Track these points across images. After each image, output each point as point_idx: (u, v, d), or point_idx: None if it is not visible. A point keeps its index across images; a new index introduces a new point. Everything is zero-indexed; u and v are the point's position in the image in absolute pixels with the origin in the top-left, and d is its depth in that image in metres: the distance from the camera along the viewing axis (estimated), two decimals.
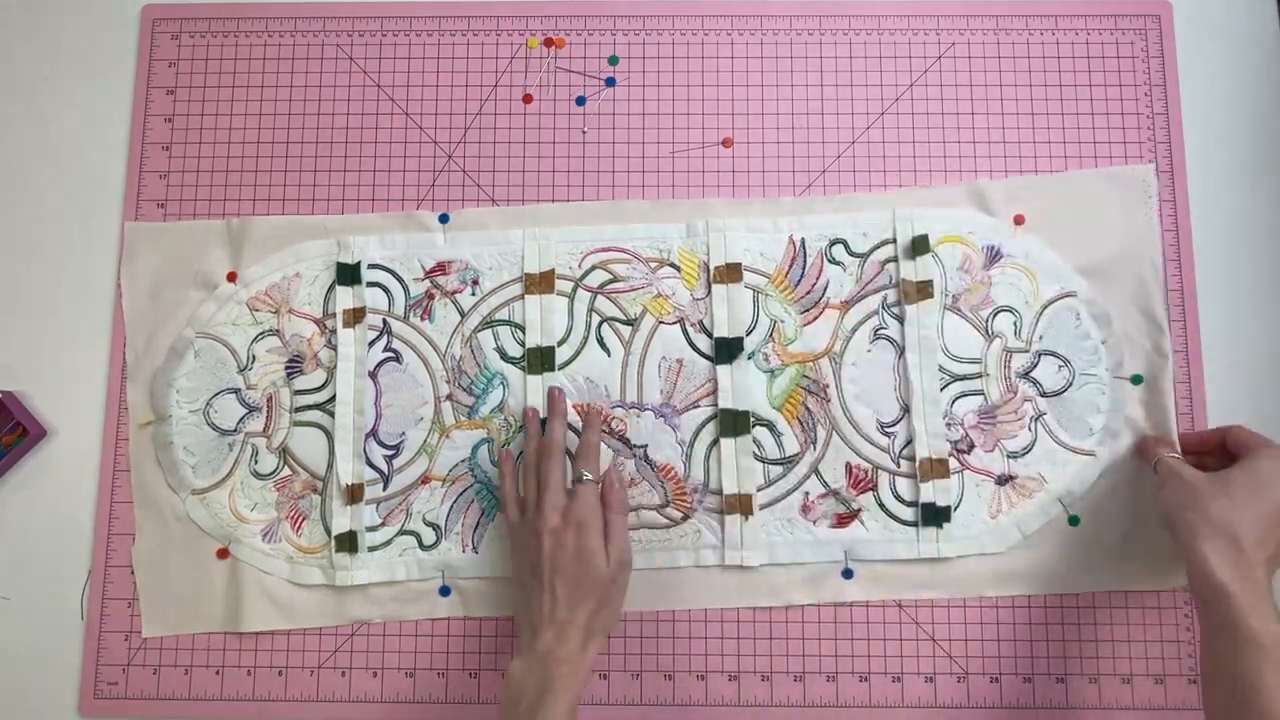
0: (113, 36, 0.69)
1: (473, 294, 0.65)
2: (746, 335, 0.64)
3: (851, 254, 0.65)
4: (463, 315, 0.65)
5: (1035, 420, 0.63)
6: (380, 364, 0.64)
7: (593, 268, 0.65)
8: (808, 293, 0.65)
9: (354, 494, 0.63)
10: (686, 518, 0.63)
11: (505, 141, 0.67)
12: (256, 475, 0.64)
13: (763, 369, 0.64)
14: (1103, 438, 0.63)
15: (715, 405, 0.63)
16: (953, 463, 0.63)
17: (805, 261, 0.65)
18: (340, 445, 0.63)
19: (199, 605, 0.63)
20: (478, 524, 0.63)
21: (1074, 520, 0.62)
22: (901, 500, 0.63)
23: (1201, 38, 0.67)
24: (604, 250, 0.65)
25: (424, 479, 0.63)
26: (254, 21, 0.68)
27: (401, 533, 0.63)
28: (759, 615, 0.62)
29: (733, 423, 0.63)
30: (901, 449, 0.63)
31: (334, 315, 0.64)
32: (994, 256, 0.64)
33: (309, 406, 0.64)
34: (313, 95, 0.68)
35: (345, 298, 0.64)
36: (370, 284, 0.65)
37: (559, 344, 0.64)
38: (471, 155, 0.67)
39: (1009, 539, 0.62)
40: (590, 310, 0.64)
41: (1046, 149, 0.66)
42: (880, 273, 0.64)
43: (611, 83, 0.67)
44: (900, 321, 0.64)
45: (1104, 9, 0.67)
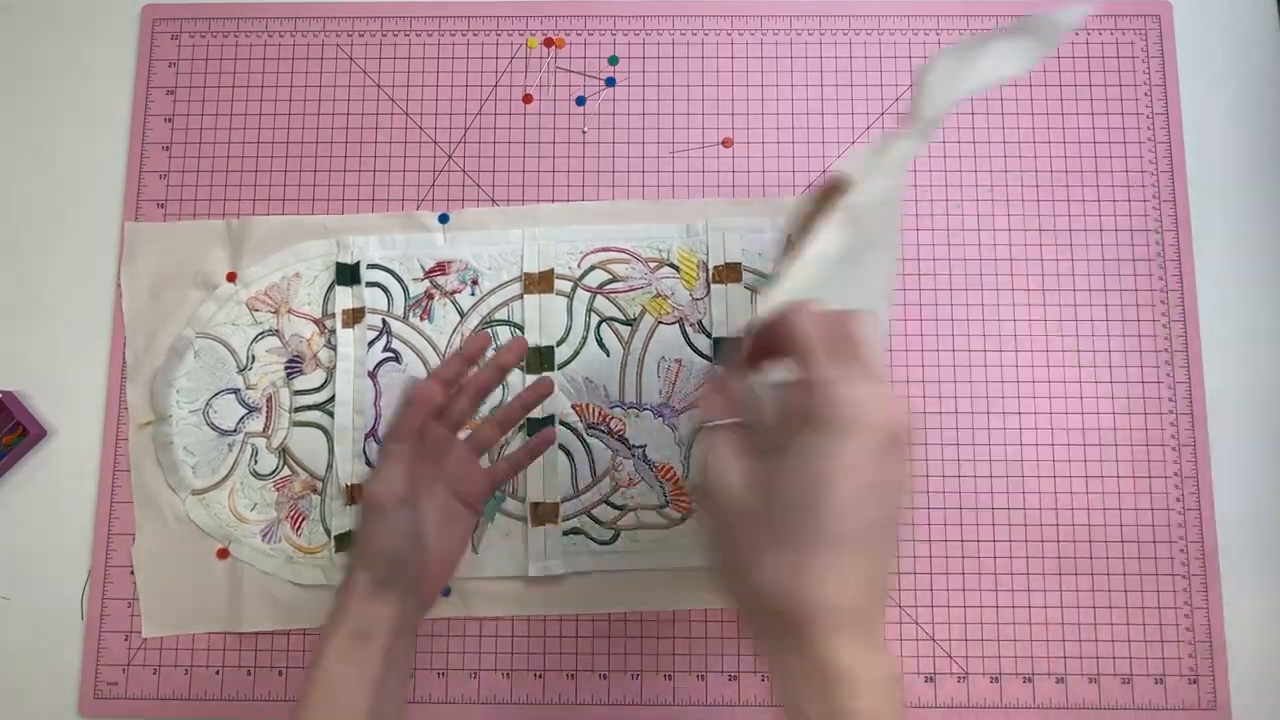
0: (113, 36, 0.69)
1: (472, 294, 0.65)
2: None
3: None
4: (462, 315, 0.65)
5: None
6: (380, 364, 0.64)
7: (592, 268, 0.65)
8: None
9: (354, 494, 0.63)
10: (685, 518, 0.63)
11: (505, 141, 0.67)
12: (256, 475, 0.64)
13: None
14: None
15: None
16: None
17: None
18: (340, 445, 0.63)
19: (199, 605, 0.63)
20: (477, 524, 0.63)
21: None
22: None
23: (1201, 38, 0.67)
24: (603, 250, 0.65)
25: None
26: (254, 21, 0.68)
27: None
28: None
29: None
30: None
31: (333, 315, 0.64)
32: None
33: (309, 407, 0.64)
34: (313, 95, 0.68)
35: (345, 298, 0.64)
36: (370, 284, 0.65)
37: (558, 344, 0.64)
38: (471, 155, 0.67)
39: None
40: (589, 310, 0.64)
41: (1047, 149, 0.66)
42: None
43: (611, 83, 0.67)
44: None
45: (1104, 9, 0.67)
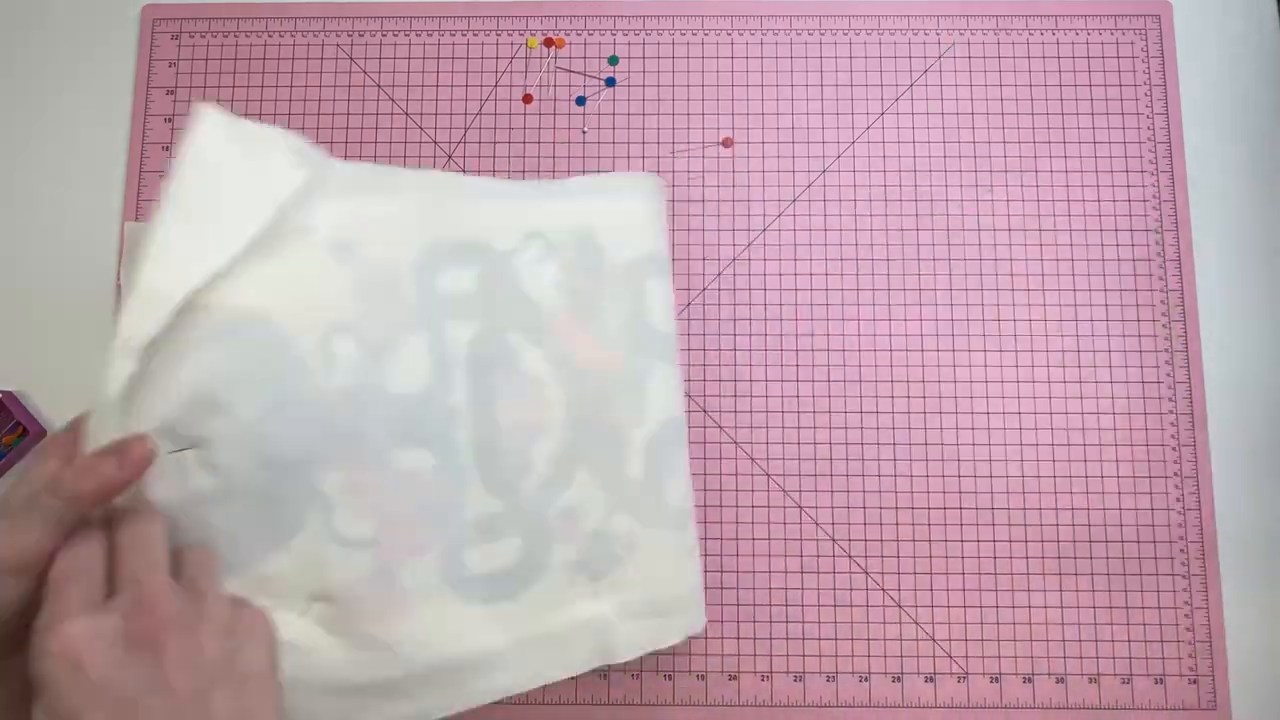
0: (113, 36, 0.69)
1: None
2: None
3: None
4: None
5: None
6: None
7: None
8: None
9: None
10: None
11: (505, 141, 0.67)
12: None
13: None
14: None
15: None
16: None
17: None
18: None
19: None
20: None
21: None
22: None
23: (1201, 38, 0.67)
24: None
25: None
26: (254, 21, 0.68)
27: None
28: (758, 615, 0.62)
29: None
30: None
31: None
32: None
33: None
34: (313, 95, 0.68)
35: None
36: None
37: None
38: (471, 155, 0.67)
39: None
40: None
41: (1046, 149, 0.66)
42: None
43: (611, 83, 0.67)
44: None
45: (1104, 9, 0.67)
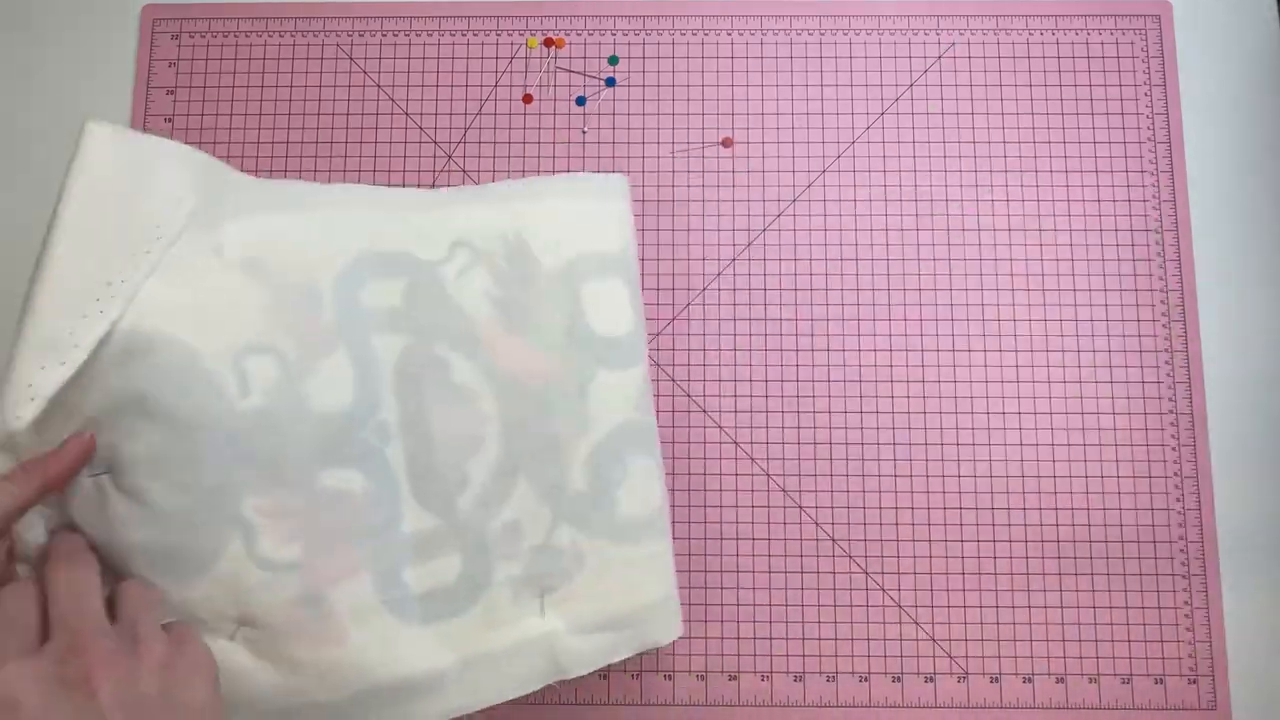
0: (113, 36, 0.69)
1: None
2: None
3: None
4: None
5: None
6: None
7: None
8: None
9: None
10: None
11: (505, 141, 0.67)
12: None
13: None
14: None
15: None
16: None
17: None
18: None
19: None
20: None
21: None
22: None
23: (1201, 38, 0.67)
24: None
25: None
26: (254, 21, 0.68)
27: None
28: (758, 615, 0.62)
29: None
30: None
31: None
32: None
33: None
34: (313, 95, 0.68)
35: None
36: None
37: None
38: (471, 155, 0.67)
39: None
40: None
41: (1046, 149, 0.66)
42: None
43: (611, 83, 0.67)
44: None
45: (1104, 9, 0.67)
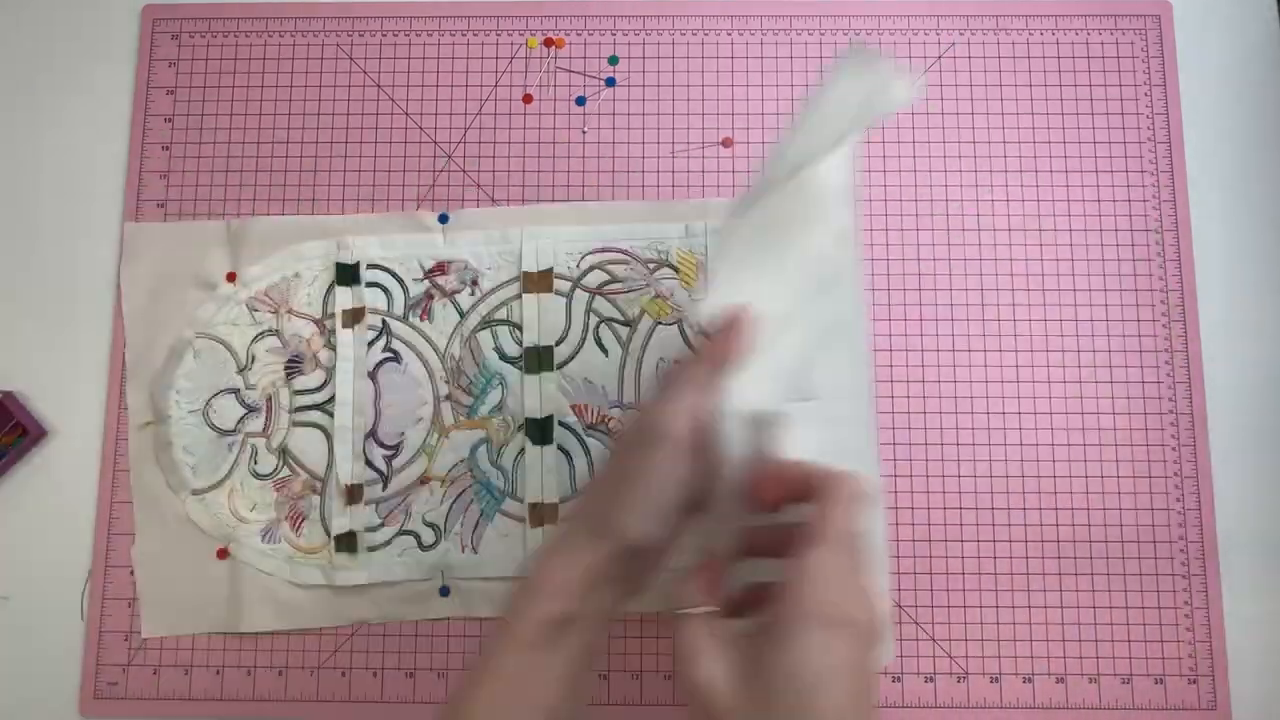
0: (113, 36, 0.69)
1: (472, 294, 0.65)
2: None
3: None
4: (462, 315, 0.65)
5: None
6: (380, 364, 0.64)
7: (591, 268, 0.65)
8: None
9: (353, 494, 0.63)
10: None
11: (505, 141, 0.67)
12: (256, 475, 0.64)
13: None
14: None
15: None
16: None
17: None
18: (340, 445, 0.63)
19: (199, 606, 0.63)
20: (477, 524, 0.63)
21: None
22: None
23: (1201, 38, 0.67)
24: (602, 251, 0.65)
25: (423, 479, 0.63)
26: (254, 21, 0.68)
27: (401, 533, 0.63)
28: None
29: None
30: None
31: (333, 315, 0.64)
32: None
33: (308, 407, 0.64)
34: (313, 95, 0.68)
35: (345, 298, 0.64)
36: (369, 284, 0.65)
37: (557, 344, 0.64)
38: (471, 155, 0.67)
39: None
40: (588, 310, 0.64)
41: (1046, 149, 0.66)
42: None
43: (611, 83, 0.67)
44: None
45: (1104, 9, 0.67)
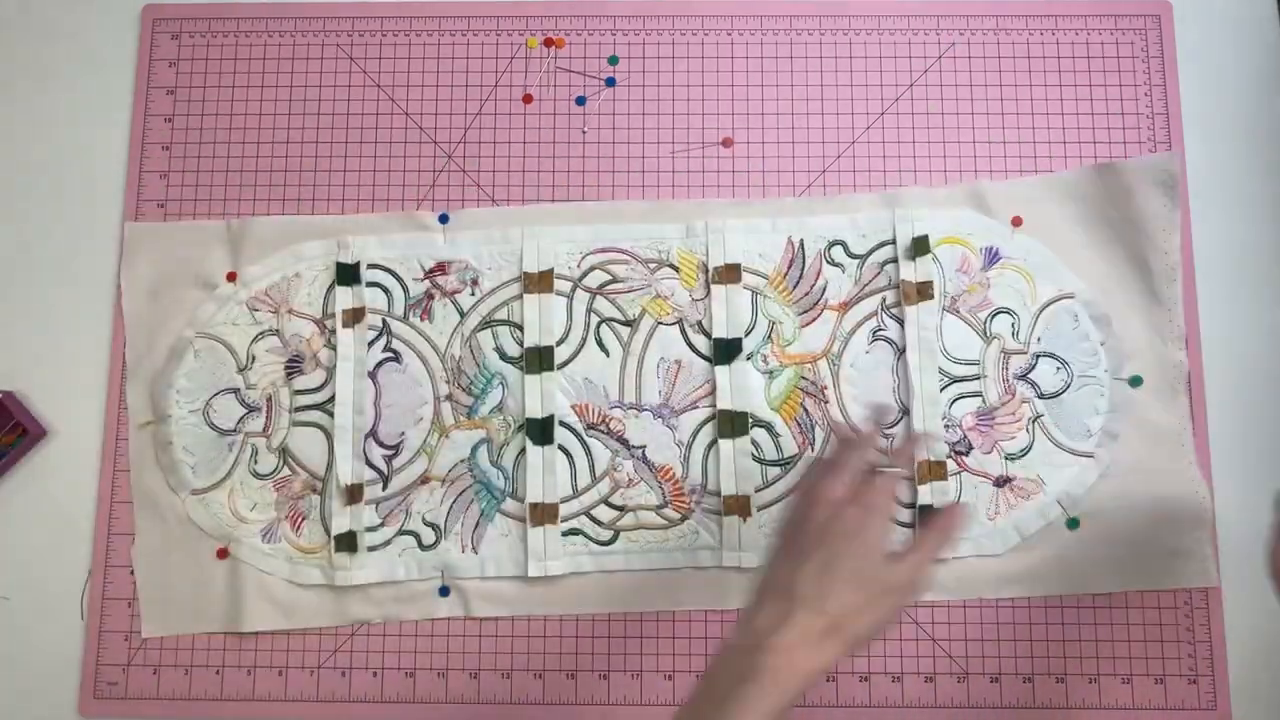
0: (113, 36, 0.69)
1: (472, 294, 0.65)
2: (745, 336, 0.64)
3: (850, 255, 0.65)
4: (462, 315, 0.65)
5: (1033, 422, 0.63)
6: (380, 364, 0.64)
7: (591, 268, 0.65)
8: (806, 294, 0.65)
9: (353, 494, 0.63)
10: (684, 518, 0.63)
11: (505, 141, 0.67)
12: (256, 475, 0.64)
13: (761, 370, 0.64)
14: (1101, 440, 0.63)
15: (714, 406, 0.63)
16: (950, 464, 0.63)
17: (804, 263, 0.65)
18: (340, 445, 0.63)
19: (199, 605, 0.63)
20: (477, 524, 0.63)
21: (1073, 523, 0.62)
22: (899, 502, 0.63)
23: (1201, 38, 0.67)
24: (603, 251, 0.65)
25: (423, 479, 0.63)
26: (254, 21, 0.68)
27: (401, 533, 0.63)
28: None
29: (731, 424, 0.63)
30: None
31: (334, 315, 0.64)
32: (992, 258, 0.64)
33: (309, 406, 0.64)
34: (313, 95, 0.68)
35: (345, 298, 0.64)
36: (370, 284, 0.65)
37: (558, 344, 0.64)
38: (471, 155, 0.67)
39: (1008, 541, 0.62)
40: (589, 310, 0.64)
41: (1046, 149, 0.66)
42: (879, 274, 0.64)
43: (611, 83, 0.67)
44: (899, 323, 0.64)
45: (1104, 9, 0.67)
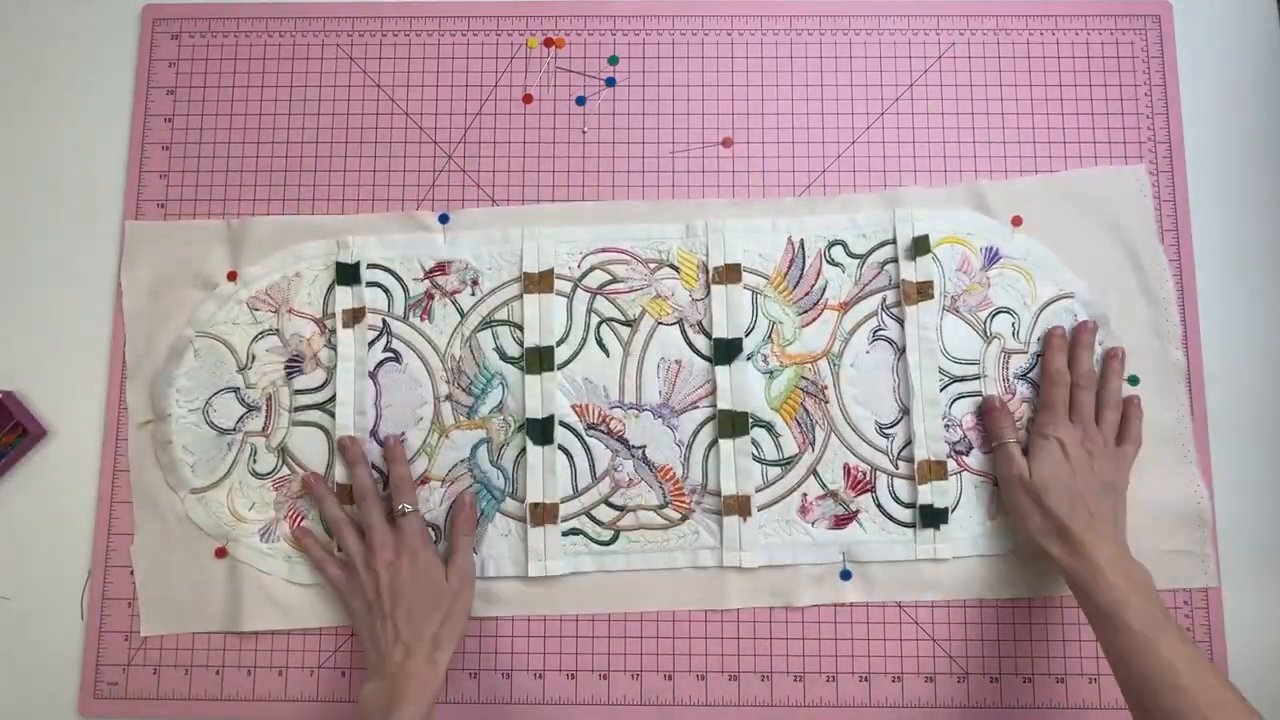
0: (113, 36, 0.69)
1: (472, 294, 0.65)
2: (745, 336, 0.64)
3: (850, 255, 0.65)
4: (462, 315, 0.65)
5: (1032, 421, 0.63)
6: (380, 364, 0.64)
7: (592, 268, 0.65)
8: (806, 294, 0.65)
9: (347, 495, 0.63)
10: (685, 518, 0.63)
11: (505, 141, 0.67)
12: (255, 475, 0.64)
13: (761, 370, 0.64)
14: None
15: (714, 406, 0.63)
16: (951, 464, 0.63)
17: (804, 262, 0.65)
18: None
19: (198, 604, 0.63)
20: (477, 524, 0.63)
21: None
22: (900, 502, 0.63)
23: (1201, 38, 0.67)
24: (603, 251, 0.65)
25: (423, 479, 0.63)
26: (254, 21, 0.68)
27: None
28: (759, 615, 0.62)
29: (731, 424, 0.63)
30: (900, 450, 0.63)
31: (334, 315, 0.64)
32: (992, 258, 0.64)
33: (308, 406, 0.64)
34: (313, 95, 0.68)
35: (345, 298, 0.64)
36: (370, 284, 0.65)
37: (558, 344, 0.64)
38: (471, 155, 0.67)
39: (1008, 541, 0.62)
40: (589, 310, 0.64)
41: (1046, 149, 0.66)
42: (879, 274, 0.64)
43: (611, 83, 0.67)
44: (899, 322, 0.64)
45: (1104, 9, 0.67)
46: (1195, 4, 0.68)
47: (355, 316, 0.64)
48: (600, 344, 0.64)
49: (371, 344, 0.64)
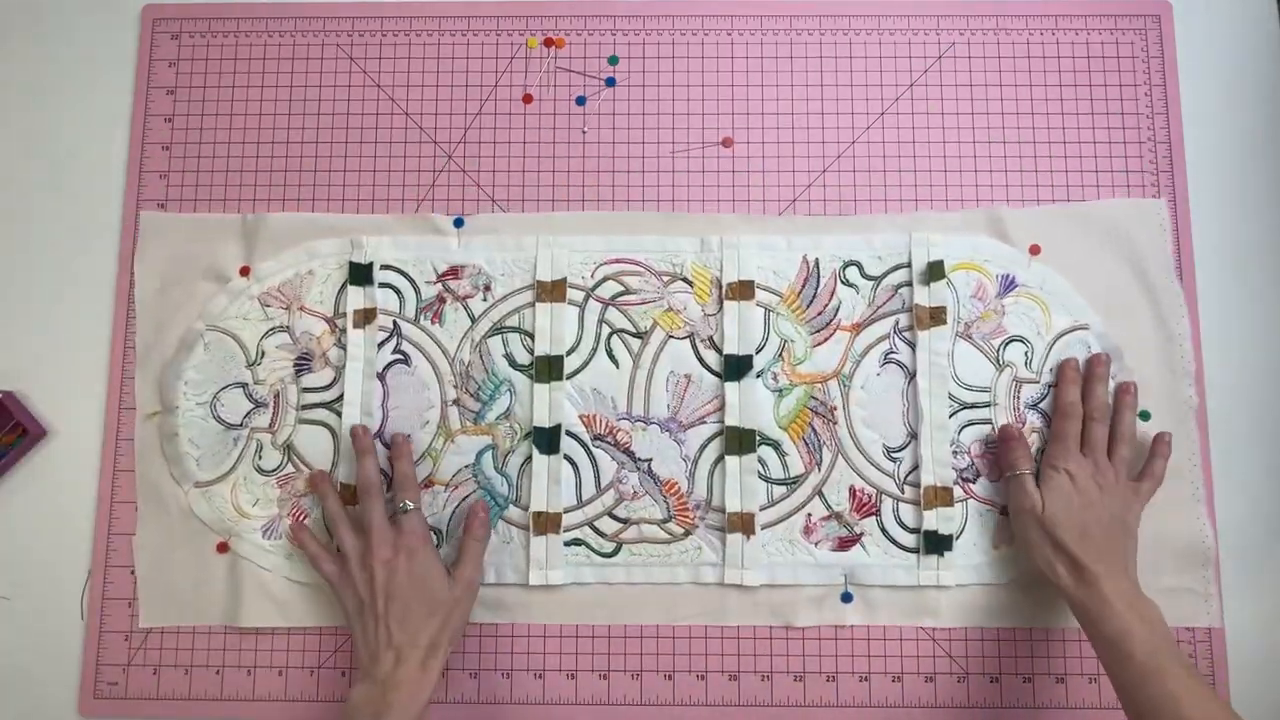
0: (113, 36, 0.68)
1: (484, 299, 0.65)
2: (756, 353, 0.64)
3: (865, 276, 0.65)
4: (473, 320, 0.64)
5: (1043, 451, 0.62)
6: (389, 366, 0.64)
7: (605, 279, 0.65)
8: (819, 313, 0.64)
9: (356, 495, 0.63)
10: (688, 534, 0.63)
11: (505, 142, 0.67)
12: (260, 471, 0.64)
13: (771, 388, 0.64)
14: None
15: (721, 422, 0.63)
16: (957, 491, 0.62)
17: (818, 282, 0.65)
18: (345, 445, 0.63)
19: (197, 598, 0.63)
20: (489, 533, 0.63)
21: None
22: (904, 526, 0.63)
23: (1201, 38, 0.67)
24: (616, 261, 0.65)
25: (427, 483, 0.63)
26: (254, 21, 0.68)
27: None
28: (758, 615, 0.62)
29: (738, 440, 0.63)
30: (907, 475, 0.63)
31: (345, 315, 0.64)
32: (1008, 285, 0.64)
33: (316, 405, 0.64)
34: (313, 95, 0.68)
35: (357, 297, 0.64)
36: (382, 285, 0.65)
37: (568, 353, 0.64)
38: (471, 155, 0.67)
39: (1011, 570, 0.62)
40: (600, 321, 0.64)
41: (1046, 149, 0.66)
42: (893, 297, 0.64)
43: (611, 83, 0.67)
44: (911, 347, 0.64)
45: (1104, 9, 0.67)
46: (1195, 4, 0.68)
47: (366, 317, 0.64)
48: (610, 355, 0.64)
49: (381, 345, 0.64)
